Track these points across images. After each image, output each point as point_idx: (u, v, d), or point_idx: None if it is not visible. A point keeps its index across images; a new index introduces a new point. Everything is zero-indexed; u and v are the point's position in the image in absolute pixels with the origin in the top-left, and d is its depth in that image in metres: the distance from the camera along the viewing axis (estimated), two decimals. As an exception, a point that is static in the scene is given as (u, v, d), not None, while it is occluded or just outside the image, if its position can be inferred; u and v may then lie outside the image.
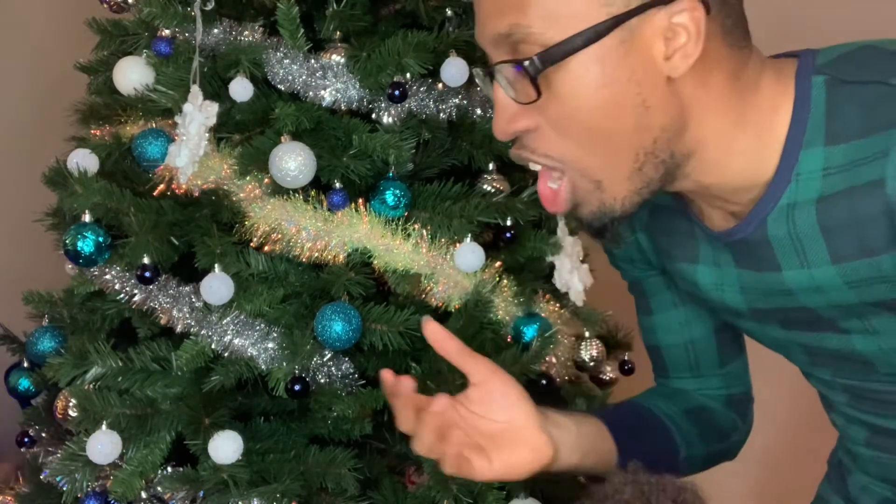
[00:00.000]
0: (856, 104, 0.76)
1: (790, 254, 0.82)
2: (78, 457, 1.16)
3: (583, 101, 0.74)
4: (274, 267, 1.20)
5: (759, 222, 0.82)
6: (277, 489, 1.14)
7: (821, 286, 0.82)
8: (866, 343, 0.86)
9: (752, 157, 0.80)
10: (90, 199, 1.17)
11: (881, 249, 0.77)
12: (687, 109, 0.78)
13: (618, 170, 0.78)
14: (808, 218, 0.79)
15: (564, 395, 1.31)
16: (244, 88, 1.19)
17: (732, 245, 0.86)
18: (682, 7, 0.73)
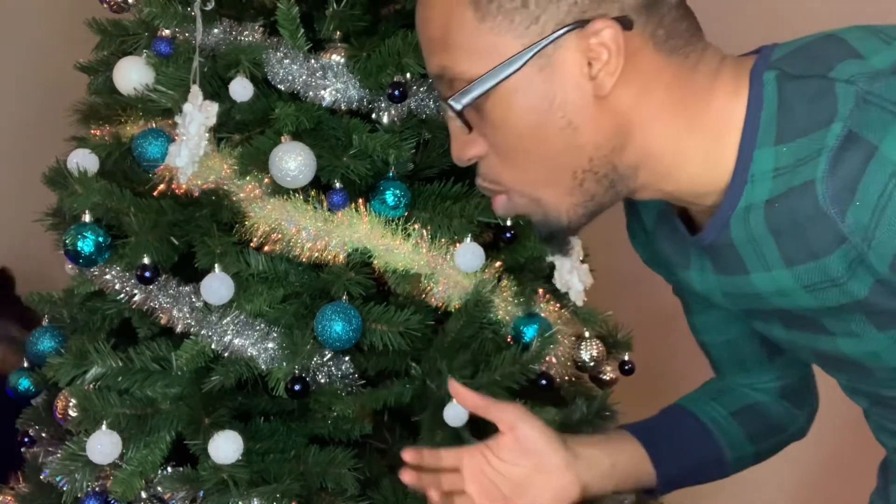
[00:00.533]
0: (801, 100, 0.75)
1: (752, 257, 0.81)
2: (78, 457, 1.16)
3: (511, 128, 0.77)
4: (274, 267, 1.20)
5: (722, 225, 0.81)
6: (277, 489, 1.14)
7: (782, 289, 0.81)
8: (851, 346, 0.84)
9: (709, 160, 0.80)
10: (90, 199, 1.17)
11: (824, 252, 0.75)
12: (627, 123, 0.78)
13: (556, 187, 0.79)
14: (759, 220, 0.79)
15: (564, 395, 1.31)
16: (244, 88, 1.19)
17: (706, 250, 0.86)
18: (596, 28, 0.74)
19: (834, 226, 0.73)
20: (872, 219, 0.71)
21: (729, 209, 0.80)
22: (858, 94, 0.71)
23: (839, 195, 0.72)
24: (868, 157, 0.70)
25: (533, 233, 1.26)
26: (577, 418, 1.26)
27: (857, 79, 0.72)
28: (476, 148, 0.80)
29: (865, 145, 0.70)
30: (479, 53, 0.75)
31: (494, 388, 1.19)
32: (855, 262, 0.75)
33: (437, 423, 1.18)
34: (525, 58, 0.74)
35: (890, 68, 0.71)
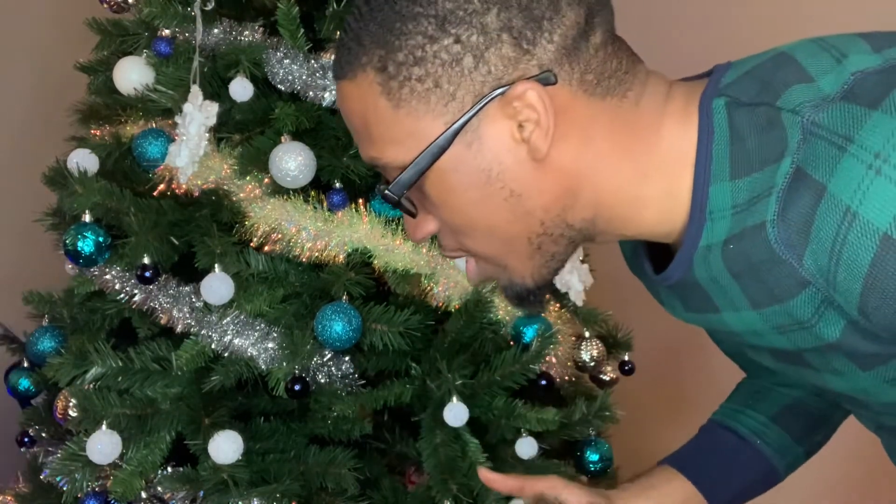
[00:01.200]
0: (752, 130, 0.69)
1: (720, 296, 0.77)
2: (78, 457, 1.16)
3: (454, 207, 0.74)
4: (274, 267, 1.20)
5: (686, 265, 0.76)
6: (277, 489, 1.14)
7: (755, 330, 0.77)
8: (839, 383, 0.80)
9: (666, 200, 0.75)
10: (90, 199, 1.17)
11: (787, 296, 0.70)
12: (573, 179, 0.74)
13: (516, 254, 0.76)
14: (718, 262, 0.74)
15: (564, 395, 1.31)
16: (244, 88, 1.19)
17: (674, 288, 0.82)
18: (517, 92, 0.70)
19: (792, 270, 0.68)
20: (831, 262, 0.66)
21: (690, 248, 0.75)
22: (804, 125, 0.66)
23: (793, 241, 0.67)
24: (818, 198, 0.65)
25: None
26: (578, 418, 1.25)
27: (803, 108, 0.67)
28: (428, 226, 0.77)
29: (814, 185, 0.65)
30: (402, 141, 0.72)
31: (495, 387, 1.19)
32: (823, 305, 0.70)
33: (438, 424, 1.18)
34: (449, 137, 0.71)
35: (838, 93, 0.66)
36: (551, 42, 0.70)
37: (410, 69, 0.69)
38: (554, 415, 1.19)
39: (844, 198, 0.63)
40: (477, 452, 1.18)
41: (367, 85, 0.71)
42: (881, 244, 0.63)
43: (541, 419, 1.18)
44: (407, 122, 0.71)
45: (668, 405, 1.34)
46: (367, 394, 1.20)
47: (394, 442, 1.29)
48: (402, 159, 0.72)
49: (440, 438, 1.18)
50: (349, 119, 0.75)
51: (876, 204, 0.63)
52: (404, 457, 1.29)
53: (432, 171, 0.71)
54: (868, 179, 0.63)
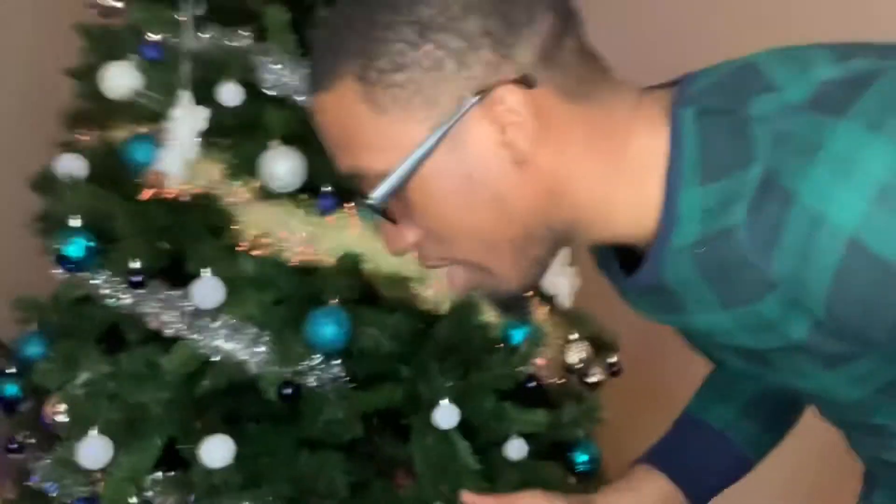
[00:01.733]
0: (721, 137, 0.71)
1: (690, 298, 0.78)
2: (68, 462, 1.16)
3: (439, 212, 0.74)
4: (264, 271, 1.20)
5: (656, 268, 0.78)
6: (268, 492, 1.14)
7: (725, 330, 0.78)
8: (805, 383, 0.82)
9: (638, 206, 0.76)
10: (79, 203, 1.17)
11: (755, 298, 0.72)
12: (553, 182, 0.74)
13: (501, 258, 0.76)
14: (689, 265, 0.75)
15: (552, 397, 1.32)
16: (233, 93, 1.19)
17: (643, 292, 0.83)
18: (499, 96, 0.70)
19: (761, 274, 0.70)
20: (800, 265, 0.67)
21: (660, 252, 0.76)
22: (773, 133, 0.68)
23: (761, 245, 0.68)
24: (786, 203, 0.66)
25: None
26: (566, 420, 1.26)
27: (772, 117, 0.68)
28: (408, 237, 0.77)
29: (783, 192, 0.67)
30: (384, 148, 0.72)
31: (484, 390, 1.20)
32: (789, 306, 0.71)
33: (428, 426, 1.19)
34: (432, 142, 0.71)
35: (805, 102, 0.68)
36: (529, 48, 0.71)
37: (392, 76, 0.69)
38: (543, 416, 1.20)
39: (813, 203, 0.65)
40: (467, 454, 1.19)
41: (347, 94, 0.71)
42: (847, 248, 0.64)
43: (530, 421, 1.19)
44: (389, 129, 0.71)
45: (655, 406, 1.35)
46: (358, 397, 1.21)
47: (383, 445, 1.29)
48: (385, 166, 0.71)
49: (430, 441, 1.19)
50: (327, 131, 0.75)
51: (843, 209, 0.64)
52: (394, 459, 1.30)
53: (416, 178, 0.71)
54: (835, 185, 0.64)
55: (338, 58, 0.71)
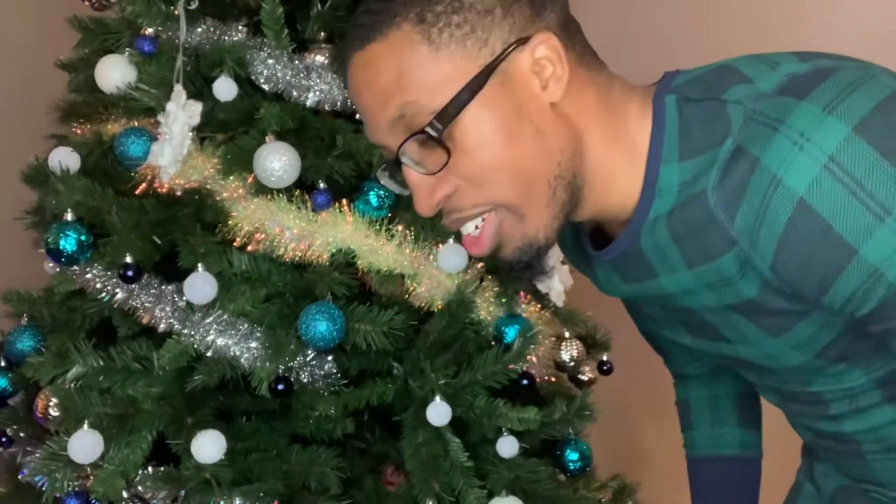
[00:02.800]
0: (698, 121, 0.81)
1: (659, 262, 0.88)
2: (59, 456, 1.15)
3: (488, 145, 0.80)
4: (257, 266, 1.20)
5: (633, 237, 0.87)
6: (260, 488, 1.14)
7: (688, 289, 0.88)
8: (749, 351, 0.92)
9: (628, 175, 0.85)
10: (72, 197, 1.16)
11: (718, 253, 0.81)
12: (576, 130, 0.83)
13: (537, 199, 0.83)
14: (663, 230, 0.85)
15: (544, 395, 1.33)
16: (228, 88, 1.19)
17: (615, 262, 0.92)
18: (538, 41, 0.81)
19: (725, 230, 0.79)
20: (756, 222, 0.77)
21: (640, 221, 0.86)
22: (746, 113, 0.78)
23: (728, 202, 0.78)
24: (752, 168, 0.76)
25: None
26: (558, 417, 1.27)
27: (745, 100, 0.78)
28: (445, 186, 0.82)
29: (750, 158, 0.76)
30: (440, 83, 0.79)
31: (476, 387, 1.20)
32: (744, 264, 0.81)
33: (420, 423, 1.19)
34: (485, 76, 0.79)
35: (774, 90, 0.78)
36: (554, 14, 0.83)
37: (450, 17, 0.79)
38: (535, 414, 1.20)
39: (773, 167, 0.75)
40: (459, 452, 1.19)
41: (404, 38, 0.79)
42: (797, 207, 0.75)
43: (522, 418, 1.19)
44: (446, 66, 0.79)
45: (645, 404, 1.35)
46: (350, 393, 1.21)
47: (374, 441, 1.29)
48: (439, 101, 0.79)
49: (422, 438, 1.19)
50: (374, 80, 0.81)
51: (797, 173, 0.74)
52: (384, 456, 1.30)
53: (469, 109, 0.79)
54: (793, 153, 0.74)
55: (392, 9, 0.79)
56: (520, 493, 1.21)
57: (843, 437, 0.97)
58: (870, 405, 0.93)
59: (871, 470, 0.98)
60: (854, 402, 0.94)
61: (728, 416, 1.18)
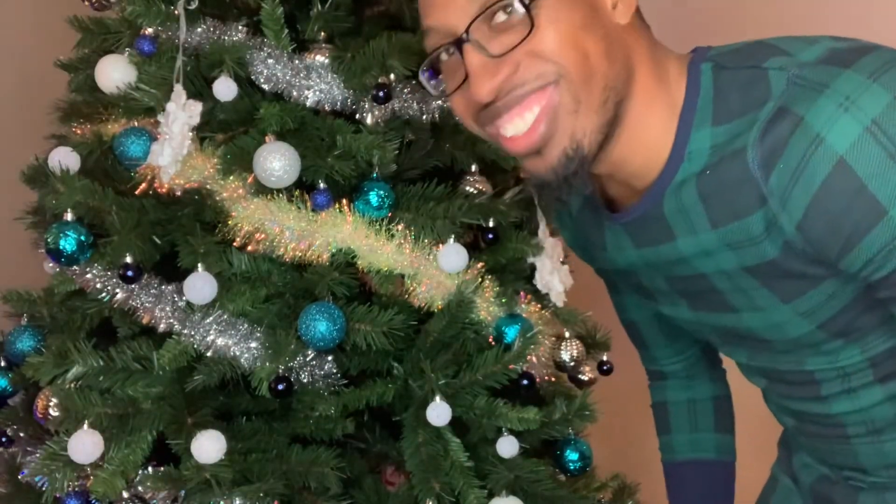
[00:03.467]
0: (736, 87, 0.84)
1: (680, 224, 0.90)
2: (59, 456, 1.15)
3: (565, 23, 0.83)
4: (257, 266, 1.20)
5: (656, 199, 0.90)
6: (260, 488, 1.14)
7: (707, 250, 0.90)
8: (754, 320, 0.94)
9: (660, 133, 0.88)
10: (72, 197, 1.16)
11: (746, 212, 0.84)
12: (629, 61, 0.87)
13: (592, 97, 0.85)
14: (691, 190, 0.88)
15: (544, 395, 1.33)
16: (228, 88, 1.19)
17: (630, 226, 0.95)
18: None
19: (758, 188, 0.82)
20: (791, 180, 0.79)
21: (665, 183, 0.89)
22: (789, 78, 0.81)
23: (767, 159, 0.81)
24: (795, 126, 0.79)
25: (515, 234, 1.27)
26: (558, 417, 1.27)
27: (788, 66, 0.81)
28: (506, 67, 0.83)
29: (793, 117, 0.79)
30: None
31: (476, 387, 1.20)
32: (771, 224, 0.83)
33: (420, 423, 1.19)
34: None
35: (816, 60, 0.81)
36: None
37: None
38: (535, 414, 1.20)
39: (817, 126, 0.78)
40: (459, 452, 1.19)
41: None
42: (836, 165, 0.77)
43: (522, 418, 1.19)
44: None
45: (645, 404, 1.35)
46: (350, 393, 1.21)
47: (374, 441, 1.29)
48: None
49: (422, 438, 1.19)
50: None
51: (840, 133, 0.77)
52: (384, 456, 1.30)
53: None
54: (837, 114, 0.77)
55: None
56: (520, 493, 1.21)
57: (830, 420, 0.99)
58: (861, 385, 0.95)
59: (855, 454, 0.99)
60: (846, 382, 0.96)
61: (705, 421, 1.21)
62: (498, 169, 1.30)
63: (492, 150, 1.26)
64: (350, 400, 1.20)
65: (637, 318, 1.19)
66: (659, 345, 1.21)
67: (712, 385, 1.23)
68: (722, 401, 1.23)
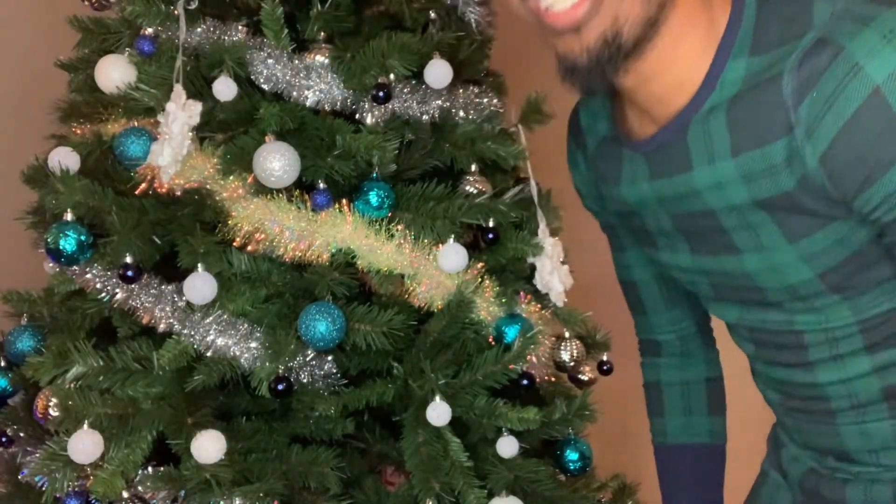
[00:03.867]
0: (777, 19, 0.85)
1: (701, 152, 0.91)
2: (59, 456, 1.15)
3: None
4: (257, 266, 1.20)
5: (682, 126, 0.91)
6: (260, 489, 1.14)
7: (721, 182, 0.90)
8: (755, 261, 0.94)
9: (695, 56, 0.89)
10: (72, 197, 1.16)
11: (771, 138, 0.84)
12: None
13: None
14: (720, 117, 0.88)
15: (543, 395, 1.33)
16: (228, 88, 1.19)
17: (651, 154, 0.96)
18: None
19: (787, 115, 0.82)
20: (822, 109, 0.80)
21: (693, 111, 0.90)
22: (834, 11, 0.82)
23: (801, 87, 0.81)
24: (835, 55, 0.79)
25: (515, 234, 1.27)
26: (558, 417, 1.27)
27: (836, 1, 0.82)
28: None
29: (834, 46, 0.80)
30: None
31: (476, 387, 1.20)
32: (793, 154, 0.83)
33: (420, 423, 1.19)
34: None
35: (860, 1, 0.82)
36: None
37: None
38: (535, 414, 1.20)
39: (857, 55, 0.78)
40: (459, 452, 1.19)
41: None
42: (871, 95, 0.78)
43: (522, 418, 1.19)
44: None
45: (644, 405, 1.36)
46: (350, 393, 1.21)
47: (374, 441, 1.29)
48: None
49: (422, 438, 1.19)
50: None
51: (880, 63, 0.78)
52: (384, 456, 1.30)
53: None
54: (880, 45, 0.78)
55: None
56: (520, 494, 1.21)
57: (815, 392, 1.00)
58: (849, 352, 0.96)
59: (839, 435, 0.99)
60: (834, 346, 0.96)
61: (699, 404, 1.22)
62: (498, 169, 1.30)
63: (491, 149, 1.26)
64: (350, 400, 1.20)
65: (638, 277, 1.20)
66: (657, 310, 1.21)
67: (706, 366, 1.23)
68: (715, 382, 1.24)
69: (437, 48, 1.22)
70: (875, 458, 0.98)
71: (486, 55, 1.35)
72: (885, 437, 0.97)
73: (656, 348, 1.26)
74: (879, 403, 0.95)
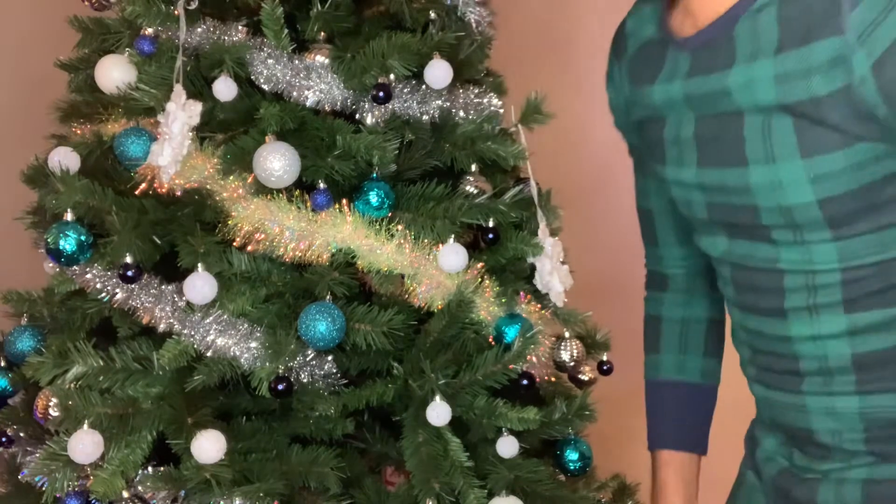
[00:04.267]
0: None
1: (746, 48, 0.90)
2: (59, 456, 1.15)
3: None
4: (257, 266, 1.20)
5: (731, 22, 0.91)
6: (260, 488, 1.14)
7: (752, 80, 0.90)
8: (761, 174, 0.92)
9: None
10: (72, 197, 1.16)
11: (817, 37, 0.83)
12: None
13: None
14: (772, 12, 0.88)
15: (543, 395, 1.33)
16: (228, 88, 1.19)
17: (697, 50, 0.96)
18: None
19: (839, 16, 0.81)
20: (881, 14, 0.79)
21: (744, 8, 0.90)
22: None
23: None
24: None
25: (515, 234, 1.27)
26: (558, 417, 1.27)
27: None
28: None
29: None
30: None
31: (476, 387, 1.20)
32: (838, 60, 0.82)
33: (420, 423, 1.19)
34: None
35: None
36: None
37: None
38: (535, 414, 1.20)
39: None
40: (459, 452, 1.19)
41: None
42: None
43: (522, 418, 1.19)
44: None
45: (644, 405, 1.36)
46: (350, 393, 1.21)
47: (374, 441, 1.29)
48: None
49: (422, 438, 1.19)
50: None
51: None
52: (384, 456, 1.30)
53: None
54: None
55: None
56: (520, 493, 1.21)
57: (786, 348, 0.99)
58: (825, 304, 0.95)
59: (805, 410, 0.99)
60: (812, 295, 0.95)
61: (696, 343, 1.22)
62: (498, 169, 1.31)
63: (491, 149, 1.26)
64: (350, 400, 1.20)
65: (654, 205, 1.19)
66: (668, 242, 1.21)
67: (710, 306, 1.23)
68: (715, 324, 1.24)
69: (437, 48, 1.23)
70: (839, 439, 0.98)
71: (486, 55, 1.36)
72: (849, 417, 0.97)
73: (663, 282, 1.25)
74: (848, 375, 0.95)
